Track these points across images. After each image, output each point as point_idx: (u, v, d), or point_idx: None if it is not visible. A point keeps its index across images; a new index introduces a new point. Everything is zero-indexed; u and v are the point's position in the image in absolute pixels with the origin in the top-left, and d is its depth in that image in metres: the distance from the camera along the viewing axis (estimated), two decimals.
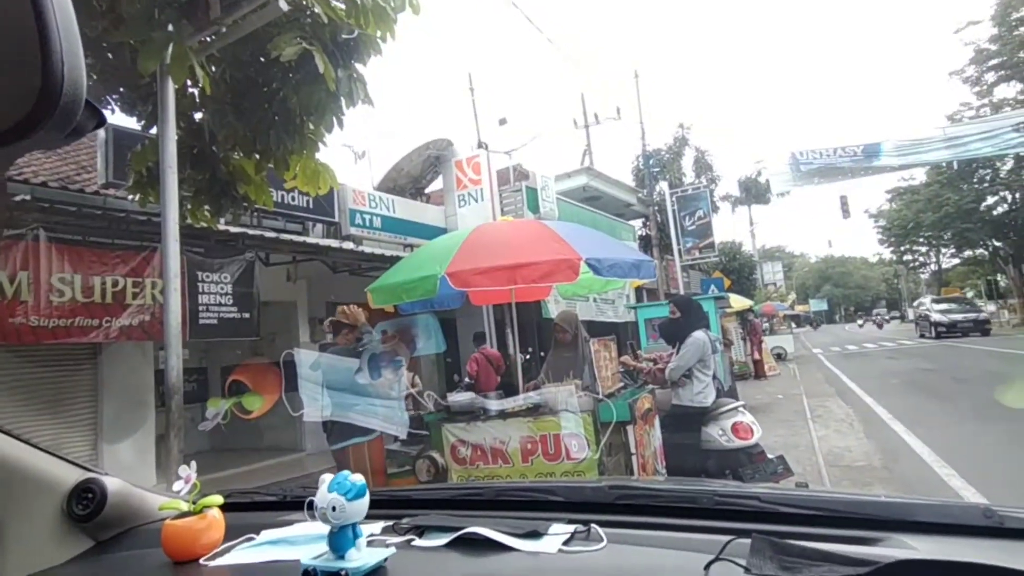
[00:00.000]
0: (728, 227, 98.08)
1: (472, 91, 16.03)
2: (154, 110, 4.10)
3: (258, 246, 6.61)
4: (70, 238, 5.09)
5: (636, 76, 23.41)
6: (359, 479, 0.89)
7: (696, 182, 20.46)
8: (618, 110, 21.36)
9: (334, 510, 0.86)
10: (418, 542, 1.01)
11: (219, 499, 1.12)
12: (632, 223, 18.52)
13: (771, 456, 4.48)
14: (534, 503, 1.18)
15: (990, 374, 10.69)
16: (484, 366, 7.09)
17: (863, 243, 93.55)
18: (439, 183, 11.60)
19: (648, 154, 18.89)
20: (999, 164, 23.70)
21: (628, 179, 19.39)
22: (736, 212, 29.92)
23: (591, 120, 18.96)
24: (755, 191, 26.43)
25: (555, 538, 0.95)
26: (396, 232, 9.45)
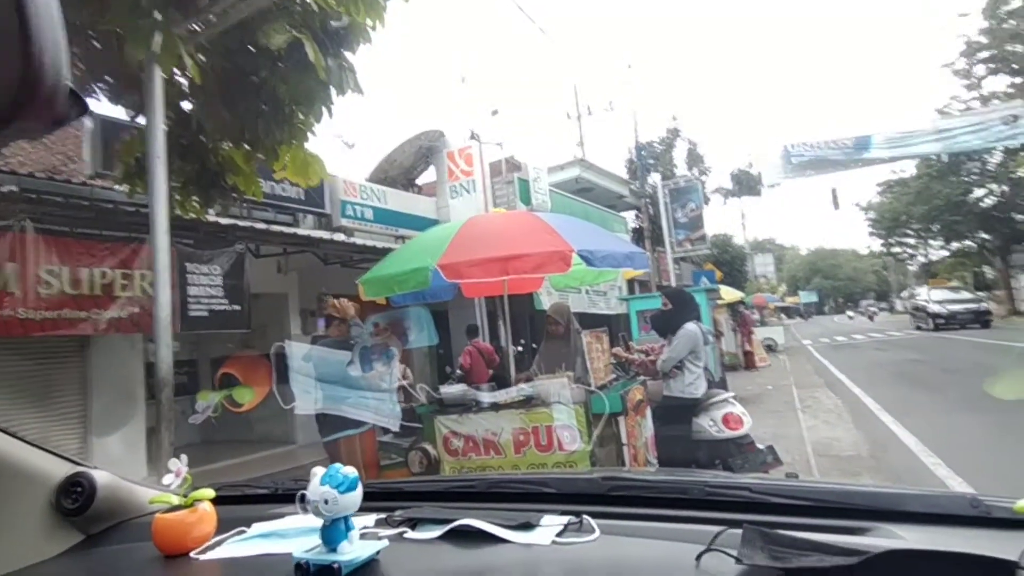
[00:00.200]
0: (720, 219, 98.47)
1: (463, 80, 15.94)
2: (142, 99, 4.04)
3: (248, 237, 6.55)
4: (58, 229, 5.01)
5: (628, 67, 23.41)
6: (351, 472, 0.89)
7: (688, 174, 20.48)
8: (611, 103, 21.33)
9: (326, 503, 0.85)
10: (411, 534, 1.01)
11: (210, 492, 1.11)
12: (624, 215, 18.54)
13: (761, 446, 4.52)
14: (527, 495, 1.18)
15: (978, 365, 10.81)
16: (476, 359, 7.12)
17: (854, 235, 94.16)
18: (431, 174, 11.55)
19: (640, 145, 18.87)
20: (987, 157, 23.91)
21: (621, 171, 19.41)
22: (727, 204, 30.06)
23: (584, 112, 18.94)
24: (747, 182, 26.52)
25: (548, 529, 0.96)
26: (388, 223, 9.39)
